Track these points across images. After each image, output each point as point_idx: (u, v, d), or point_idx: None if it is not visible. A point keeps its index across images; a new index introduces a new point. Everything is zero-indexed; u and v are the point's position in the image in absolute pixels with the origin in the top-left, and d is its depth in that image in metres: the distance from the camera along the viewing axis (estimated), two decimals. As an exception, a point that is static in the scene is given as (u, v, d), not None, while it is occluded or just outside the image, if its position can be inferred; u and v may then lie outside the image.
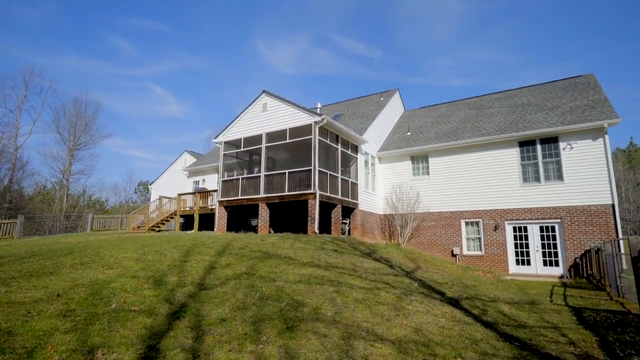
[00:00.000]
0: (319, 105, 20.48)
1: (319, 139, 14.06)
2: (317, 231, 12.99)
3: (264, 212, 14.47)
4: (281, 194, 14.15)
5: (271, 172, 15.09)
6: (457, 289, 8.47)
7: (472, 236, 15.79)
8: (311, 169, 13.59)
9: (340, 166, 15.19)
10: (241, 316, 5.12)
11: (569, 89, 17.19)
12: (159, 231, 17.97)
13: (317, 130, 13.88)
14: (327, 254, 9.19)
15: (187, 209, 19.38)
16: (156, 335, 4.38)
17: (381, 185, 18.42)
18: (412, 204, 16.49)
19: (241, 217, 17.48)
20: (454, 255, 15.79)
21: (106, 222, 23.33)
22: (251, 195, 15.03)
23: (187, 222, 20.44)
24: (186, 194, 20.04)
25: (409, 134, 19.24)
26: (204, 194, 18.87)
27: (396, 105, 22.38)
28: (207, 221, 19.22)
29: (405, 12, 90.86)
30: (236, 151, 17.04)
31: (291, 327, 4.87)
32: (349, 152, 16.09)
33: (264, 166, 15.18)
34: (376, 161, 18.52)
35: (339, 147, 15.30)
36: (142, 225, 19.37)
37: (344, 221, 15.65)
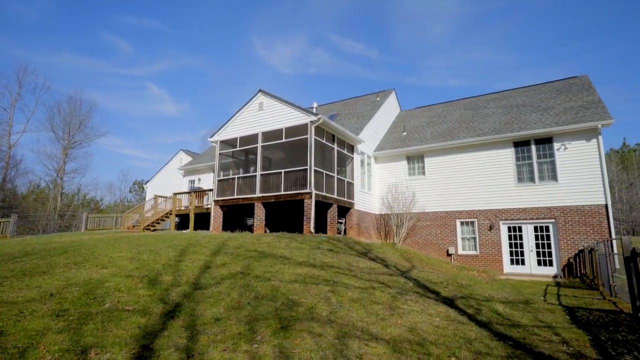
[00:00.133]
0: (315, 104, 20.45)
1: (315, 139, 14.06)
2: (313, 231, 12.99)
3: (259, 212, 14.45)
4: (277, 193, 14.13)
5: (267, 172, 15.06)
6: (452, 288, 8.51)
7: (467, 236, 15.86)
8: (307, 169, 13.58)
9: (336, 166, 15.19)
10: (236, 316, 5.11)
11: (564, 90, 17.31)
12: (154, 230, 17.89)
13: (313, 129, 13.88)
14: (323, 254, 9.19)
15: (183, 208, 19.30)
16: (150, 334, 4.36)
17: (377, 185, 18.46)
18: (408, 204, 16.54)
19: (237, 216, 17.44)
20: (449, 254, 15.86)
21: (101, 221, 23.18)
22: (247, 194, 14.99)
23: (183, 222, 20.36)
24: (182, 193, 19.96)
25: (405, 134, 19.29)
26: (200, 193, 18.81)
27: (392, 105, 22.43)
28: (202, 220, 19.15)
29: (402, 12, 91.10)
30: (232, 150, 16.99)
31: (286, 327, 4.87)
32: (345, 152, 16.10)
33: (260, 165, 15.15)
34: (372, 161, 18.55)
35: (335, 146, 15.31)
36: (137, 224, 19.27)
37: (340, 221, 15.66)
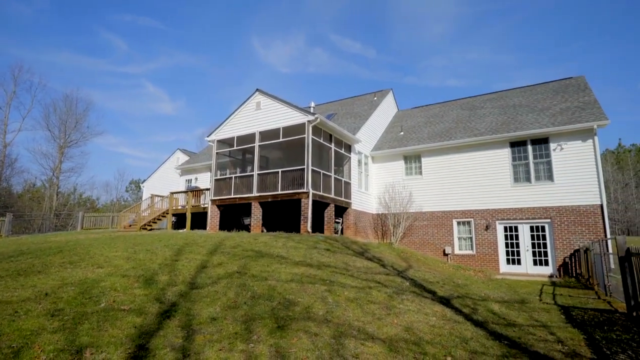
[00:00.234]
0: (313, 104, 20.45)
1: (313, 138, 14.06)
2: (309, 230, 12.99)
3: (256, 211, 14.43)
4: (274, 193, 14.12)
5: (264, 171, 15.05)
6: (448, 288, 8.54)
7: (464, 236, 15.91)
8: (304, 168, 13.58)
9: (333, 165, 15.20)
10: (232, 315, 5.11)
11: (560, 90, 17.39)
12: (150, 230, 17.83)
13: (310, 129, 13.87)
14: (320, 253, 9.19)
15: (180, 207, 19.25)
16: (146, 334, 4.35)
17: (374, 184, 18.48)
18: (405, 204, 16.57)
19: (234, 216, 17.41)
20: (445, 254, 15.91)
21: (97, 220, 23.07)
22: (244, 194, 14.97)
23: (179, 221, 20.31)
24: (178, 192, 19.91)
25: (402, 133, 19.32)
26: (197, 192, 18.76)
27: (390, 105, 22.46)
28: (199, 220, 19.11)
29: (400, 12, 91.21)
30: (229, 150, 16.96)
31: (282, 326, 4.87)
32: (342, 152, 16.10)
33: (257, 165, 15.12)
34: (369, 161, 18.57)
35: (333, 146, 15.31)
36: (134, 223, 19.20)
37: (337, 220, 15.67)
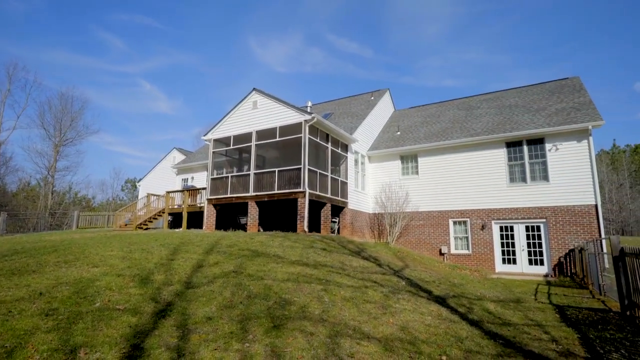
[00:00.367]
0: (310, 103, 20.43)
1: (309, 138, 14.05)
2: (306, 230, 12.99)
3: (253, 211, 14.41)
4: (271, 192, 14.10)
5: (261, 171, 15.02)
6: (444, 287, 8.57)
7: (460, 235, 15.97)
8: (301, 168, 13.57)
9: (330, 165, 15.20)
10: (228, 315, 5.10)
11: (555, 91, 17.49)
12: (146, 229, 17.75)
13: (307, 128, 13.86)
14: (316, 253, 9.19)
15: (176, 206, 19.18)
16: (141, 334, 4.33)
17: (371, 184, 18.50)
18: (401, 203, 16.61)
19: (230, 215, 17.37)
20: (442, 254, 15.96)
21: (92, 219, 22.95)
22: (240, 193, 14.94)
23: (176, 220, 20.24)
24: (175, 191, 19.83)
25: (399, 133, 19.35)
26: (193, 191, 18.70)
27: (386, 104, 22.49)
28: (195, 219, 19.05)
29: (396, 12, 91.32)
30: (226, 149, 16.92)
31: (278, 326, 4.87)
32: (339, 151, 16.11)
33: (253, 164, 15.10)
34: (366, 160, 18.59)
35: (329, 145, 15.31)
36: (130, 223, 19.11)
37: (334, 220, 15.67)
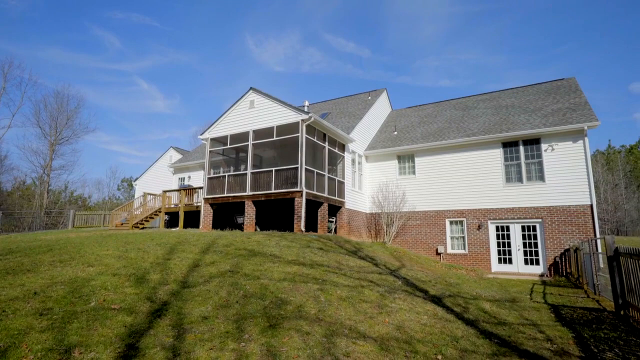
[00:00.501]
0: (307, 103, 20.44)
1: (306, 137, 14.04)
2: (303, 229, 12.99)
3: (250, 210, 14.39)
4: (268, 191, 14.08)
5: (258, 170, 15.00)
6: (440, 287, 8.59)
7: (456, 235, 16.02)
8: (298, 167, 13.56)
9: (327, 164, 15.20)
10: (224, 314, 5.09)
11: (551, 91, 17.58)
12: (142, 228, 17.69)
13: (304, 128, 13.85)
14: (313, 252, 9.20)
15: (172, 206, 19.12)
16: (136, 333, 4.32)
17: (368, 184, 18.52)
18: (398, 203, 16.64)
19: (227, 214, 17.34)
20: (438, 253, 16.00)
21: (88, 218, 22.82)
22: (237, 192, 14.91)
23: (172, 220, 20.18)
24: (171, 190, 19.77)
25: (396, 133, 19.38)
26: (190, 191, 18.65)
27: (383, 104, 22.52)
28: (192, 218, 19.00)
29: (394, 12, 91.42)
30: (222, 148, 16.88)
31: (274, 325, 4.86)
32: (336, 151, 16.11)
33: (250, 164, 15.07)
34: (363, 160, 18.61)
35: (326, 145, 15.31)
36: (126, 222, 19.03)
37: (330, 219, 15.68)
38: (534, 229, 14.44)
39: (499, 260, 14.98)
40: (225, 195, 15.24)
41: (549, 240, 13.93)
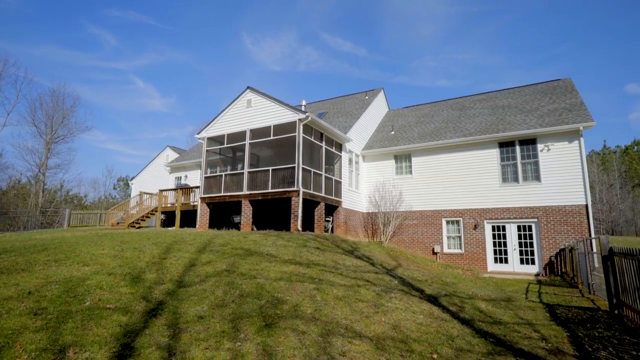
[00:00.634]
0: (304, 102, 20.39)
1: (303, 137, 14.04)
2: (300, 229, 12.99)
3: (246, 209, 14.37)
4: (264, 191, 14.07)
5: (255, 169, 14.97)
6: (437, 286, 8.62)
7: (453, 235, 16.07)
8: (295, 167, 13.56)
9: (324, 164, 15.20)
10: (220, 314, 5.08)
11: (548, 92, 17.66)
12: (139, 227, 17.62)
13: (301, 127, 13.85)
14: (309, 252, 9.19)
15: (169, 205, 19.06)
16: (131, 333, 4.30)
17: (365, 183, 18.54)
18: (395, 203, 16.67)
19: (224, 214, 17.31)
20: (434, 253, 16.05)
21: (84, 218, 22.71)
22: (234, 192, 14.89)
23: (169, 219, 20.12)
24: (168, 190, 19.70)
25: (393, 133, 19.41)
26: (186, 190, 18.60)
27: (381, 104, 22.54)
28: (189, 218, 18.94)
29: (391, 11, 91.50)
30: (219, 147, 16.84)
31: (270, 325, 4.86)
32: (333, 150, 16.12)
33: (247, 163, 15.05)
34: (360, 159, 18.62)
35: (323, 145, 15.31)
36: (122, 221, 18.96)
37: (327, 219, 15.68)
38: (530, 228, 14.51)
39: (495, 259, 15.04)
40: (222, 194, 15.21)
41: (544, 240, 14.01)
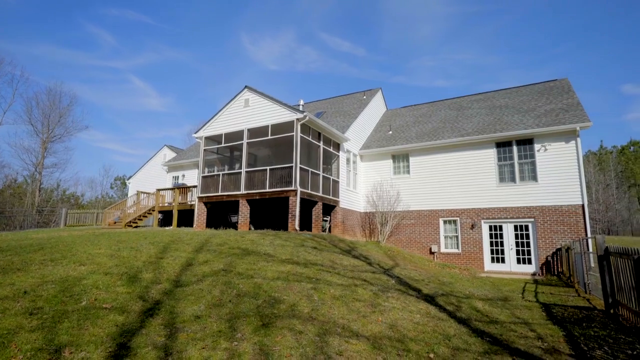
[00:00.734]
0: (302, 102, 20.41)
1: (301, 136, 14.03)
2: (297, 228, 12.98)
3: (244, 209, 14.35)
4: (262, 190, 14.05)
5: (252, 169, 14.96)
6: (433, 285, 8.64)
7: (450, 234, 16.11)
8: (292, 166, 13.55)
9: (321, 164, 15.20)
10: (217, 313, 5.07)
11: (545, 92, 17.72)
12: (136, 227, 17.57)
13: (299, 127, 13.84)
14: (307, 251, 9.19)
15: (166, 204, 19.01)
16: (128, 333, 4.29)
17: (362, 183, 18.56)
18: (393, 202, 16.69)
19: (221, 213, 17.28)
20: (432, 252, 16.08)
21: (81, 217, 22.62)
22: (231, 191, 14.86)
23: (166, 218, 20.06)
24: (165, 189, 19.65)
25: (391, 132, 19.43)
26: (184, 189, 18.55)
27: (378, 104, 22.56)
28: (186, 217, 18.90)
29: (390, 11, 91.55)
30: (217, 147, 16.81)
31: (267, 324, 4.86)
32: (331, 150, 16.12)
33: (245, 162, 15.03)
34: (358, 159, 18.63)
35: (321, 144, 15.31)
36: (119, 220, 18.89)
37: (325, 218, 15.69)
38: (527, 228, 14.56)
39: (492, 259, 15.09)
40: (219, 194, 15.18)
41: (541, 239, 14.06)
